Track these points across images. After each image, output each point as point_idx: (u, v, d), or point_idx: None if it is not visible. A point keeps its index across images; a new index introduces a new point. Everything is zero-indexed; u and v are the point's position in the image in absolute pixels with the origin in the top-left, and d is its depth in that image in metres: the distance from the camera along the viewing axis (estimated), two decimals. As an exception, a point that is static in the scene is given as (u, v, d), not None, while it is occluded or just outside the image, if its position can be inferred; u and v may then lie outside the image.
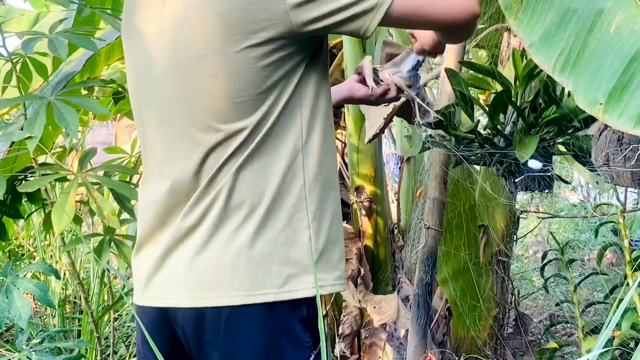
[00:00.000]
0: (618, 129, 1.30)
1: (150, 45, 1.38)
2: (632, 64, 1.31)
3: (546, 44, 1.47)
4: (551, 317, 4.04)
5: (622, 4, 1.37)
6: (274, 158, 1.30)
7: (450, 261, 2.87)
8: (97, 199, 1.98)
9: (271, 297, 1.28)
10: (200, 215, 1.32)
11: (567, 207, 6.31)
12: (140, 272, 1.42)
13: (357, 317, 2.95)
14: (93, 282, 3.38)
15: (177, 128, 1.35)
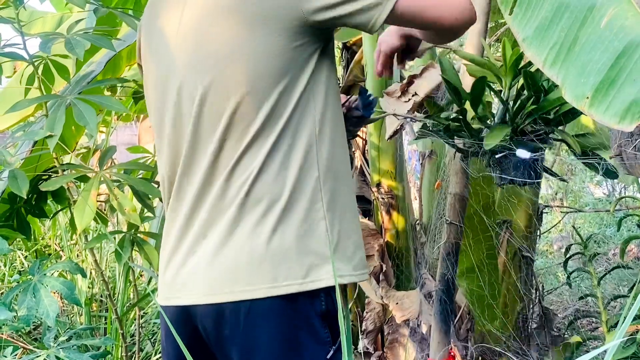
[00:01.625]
0: (603, 124, 1.30)
1: (173, 46, 1.40)
2: (620, 59, 1.31)
3: (539, 38, 1.47)
4: (576, 312, 4.01)
5: (614, 0, 1.37)
6: (291, 152, 1.33)
7: (472, 256, 2.86)
8: (117, 195, 2.01)
9: (295, 288, 1.30)
10: (220, 210, 1.34)
11: (591, 202, 6.27)
12: (167, 273, 1.45)
13: (380, 314, 2.96)
14: (119, 280, 3.42)
15: (197, 124, 1.37)
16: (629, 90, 1.29)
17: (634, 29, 1.34)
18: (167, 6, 1.45)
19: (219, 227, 1.34)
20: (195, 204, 1.38)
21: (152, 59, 1.48)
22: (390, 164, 3.03)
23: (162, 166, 1.48)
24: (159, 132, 1.49)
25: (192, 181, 1.39)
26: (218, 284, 1.33)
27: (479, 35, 2.11)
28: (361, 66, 3.22)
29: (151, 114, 1.51)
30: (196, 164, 1.38)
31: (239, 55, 1.31)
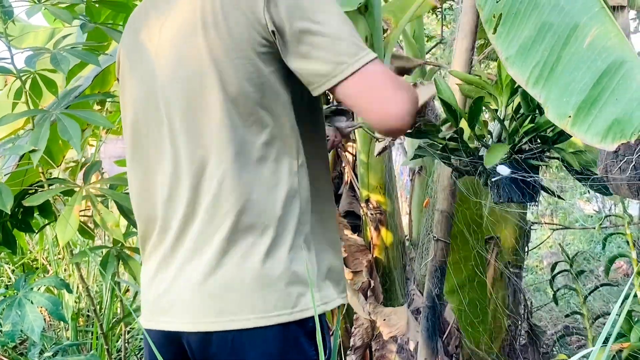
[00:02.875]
0: (585, 143, 1.31)
1: (152, 64, 1.41)
2: (603, 79, 1.32)
3: (522, 57, 1.48)
4: (565, 329, 4.01)
5: (597, 20, 1.39)
6: (275, 180, 1.33)
7: (459, 273, 2.87)
8: (100, 211, 2.01)
9: (285, 318, 1.30)
10: (207, 235, 1.33)
11: (582, 218, 6.28)
12: (150, 293, 1.44)
13: (368, 330, 2.95)
14: (105, 295, 3.40)
15: (179, 143, 1.37)
16: (611, 109, 1.30)
17: (617, 49, 1.35)
18: (147, 23, 1.44)
19: (206, 253, 1.33)
20: (181, 229, 1.37)
21: (132, 75, 1.47)
22: (379, 180, 3.04)
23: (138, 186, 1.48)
24: (133, 151, 1.48)
25: (175, 203, 1.39)
26: (205, 312, 1.32)
27: (467, 53, 2.12)
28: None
29: (127, 132, 1.50)
30: (180, 186, 1.38)
31: (214, 78, 1.31)
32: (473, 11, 2.11)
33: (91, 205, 2.04)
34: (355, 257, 2.93)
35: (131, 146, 1.48)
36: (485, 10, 1.63)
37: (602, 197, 5.68)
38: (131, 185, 1.51)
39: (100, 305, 3.42)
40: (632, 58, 1.31)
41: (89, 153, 3.65)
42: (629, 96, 1.27)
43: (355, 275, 2.87)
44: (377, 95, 1.30)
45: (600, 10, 1.41)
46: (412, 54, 3.47)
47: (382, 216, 3.01)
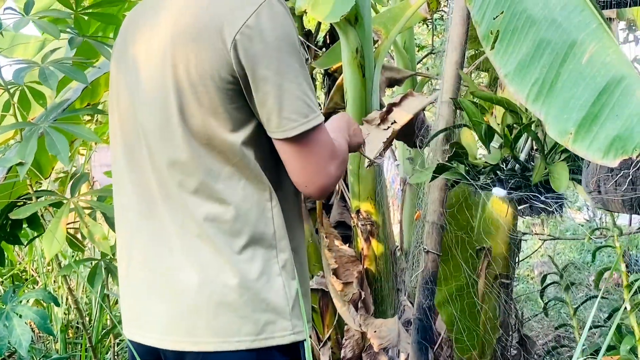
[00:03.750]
0: (587, 159, 1.31)
1: (141, 76, 1.40)
2: (603, 95, 1.32)
3: (521, 74, 1.49)
4: (556, 339, 4.02)
5: (595, 36, 1.39)
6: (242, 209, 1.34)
7: (451, 284, 2.86)
8: (88, 223, 2.00)
9: (245, 345, 1.31)
10: (179, 256, 1.35)
11: (572, 228, 6.30)
12: (124, 304, 1.46)
13: (359, 341, 2.94)
14: (95, 307, 3.38)
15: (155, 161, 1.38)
16: (612, 125, 1.31)
17: (615, 65, 1.36)
18: (135, 33, 1.44)
19: (175, 273, 1.35)
20: (153, 242, 1.39)
21: (119, 83, 1.47)
22: (369, 190, 3.03)
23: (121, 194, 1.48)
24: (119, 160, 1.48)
25: (144, 222, 1.41)
26: (174, 330, 1.35)
27: (456, 66, 2.13)
28: (342, 93, 3.23)
29: (115, 141, 1.50)
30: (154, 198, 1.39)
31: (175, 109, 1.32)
32: (462, 23, 2.12)
33: (79, 218, 2.03)
34: (345, 268, 2.92)
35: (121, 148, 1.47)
36: (482, 26, 1.64)
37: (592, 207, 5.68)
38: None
39: (90, 317, 3.40)
40: (631, 74, 1.32)
41: (79, 163, 3.63)
42: (629, 112, 1.28)
43: (345, 286, 2.86)
44: (313, 161, 1.34)
45: (598, 27, 1.41)
46: (403, 65, 3.48)
47: (373, 227, 3.00)
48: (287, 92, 1.28)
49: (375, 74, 2.87)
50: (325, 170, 1.35)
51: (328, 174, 1.36)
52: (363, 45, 2.75)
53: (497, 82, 2.95)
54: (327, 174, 1.35)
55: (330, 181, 1.36)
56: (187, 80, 1.30)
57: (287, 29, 1.30)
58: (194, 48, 1.29)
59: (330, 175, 1.36)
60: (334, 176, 1.37)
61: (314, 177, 1.34)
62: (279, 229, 1.37)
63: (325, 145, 1.35)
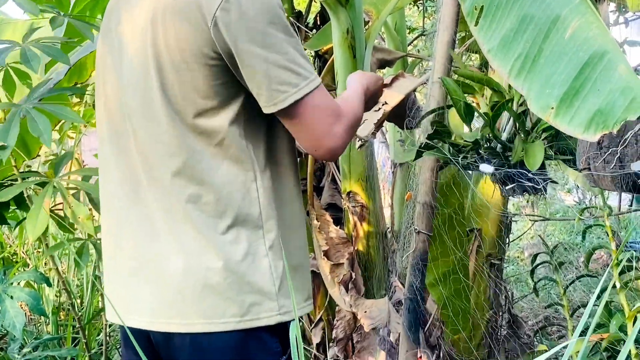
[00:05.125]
0: (568, 134, 1.32)
1: (126, 54, 1.40)
2: (585, 70, 1.33)
3: (504, 49, 1.49)
4: (546, 319, 4.05)
5: (578, 11, 1.39)
6: (226, 189, 1.33)
7: (441, 265, 2.88)
8: (71, 203, 1.99)
9: (231, 326, 1.32)
10: (164, 238, 1.35)
11: (562, 209, 6.33)
12: (109, 287, 1.46)
13: (350, 322, 2.95)
14: (86, 289, 3.38)
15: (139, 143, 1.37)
16: (593, 100, 1.31)
17: (598, 40, 1.36)
18: (120, 13, 1.43)
19: (159, 256, 1.36)
20: (142, 228, 1.39)
21: (105, 65, 1.47)
22: (361, 172, 3.04)
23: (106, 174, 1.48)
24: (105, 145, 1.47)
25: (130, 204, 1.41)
26: (162, 312, 1.36)
27: (447, 46, 2.12)
28: (332, 74, 3.22)
29: (101, 126, 1.49)
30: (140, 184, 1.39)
31: (157, 87, 1.32)
32: (454, 3, 2.11)
33: (62, 198, 2.02)
34: (337, 250, 2.93)
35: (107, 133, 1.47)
36: (466, 2, 1.63)
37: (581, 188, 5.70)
38: None
39: (82, 299, 3.40)
40: (613, 49, 1.32)
41: (69, 146, 3.61)
42: (610, 87, 1.28)
43: (336, 267, 2.87)
44: (314, 127, 1.34)
45: (581, 2, 1.41)
46: (394, 46, 3.47)
47: (364, 208, 3.01)
48: (272, 64, 1.28)
49: (366, 55, 2.86)
50: (330, 132, 1.35)
51: (335, 136, 1.35)
52: (354, 26, 2.74)
53: (488, 63, 2.95)
54: (334, 136, 1.35)
55: (338, 142, 1.36)
56: (168, 58, 1.30)
57: (266, 0, 1.29)
58: (175, 25, 1.29)
59: (338, 136, 1.36)
60: (343, 137, 1.37)
61: (321, 140, 1.34)
62: (266, 209, 1.36)
63: (325, 108, 1.34)
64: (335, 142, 1.35)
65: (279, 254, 1.37)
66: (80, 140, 3.44)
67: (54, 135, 3.11)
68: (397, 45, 3.46)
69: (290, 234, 1.43)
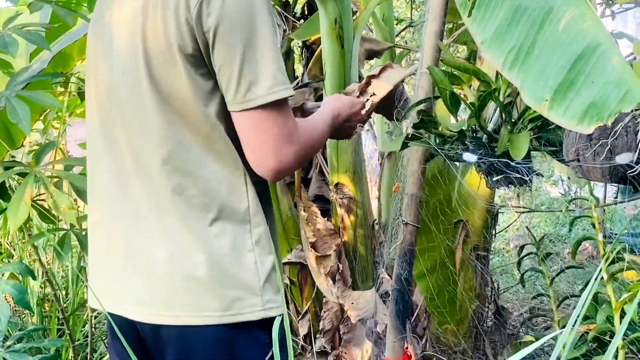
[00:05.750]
0: (562, 126, 1.31)
1: (114, 44, 1.38)
2: (579, 62, 1.32)
3: (497, 41, 1.48)
4: (531, 310, 4.07)
5: (572, 3, 1.39)
6: (214, 181, 1.32)
7: (429, 256, 2.88)
8: (53, 193, 1.96)
9: (215, 320, 1.31)
10: (151, 230, 1.34)
11: (548, 201, 6.37)
12: (98, 277, 1.45)
13: (338, 313, 2.95)
14: (71, 280, 3.35)
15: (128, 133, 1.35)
16: (587, 92, 1.30)
17: (592, 32, 1.35)
18: (111, 3, 1.42)
19: (146, 247, 1.34)
20: (133, 221, 1.37)
21: (96, 55, 1.45)
22: (348, 164, 3.03)
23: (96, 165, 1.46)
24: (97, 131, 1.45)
25: (118, 195, 1.39)
26: (150, 303, 1.34)
27: (436, 36, 2.11)
28: (320, 64, 3.21)
29: (92, 117, 1.47)
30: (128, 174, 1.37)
31: (145, 75, 1.31)
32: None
33: (43, 188, 1.99)
34: (324, 241, 2.93)
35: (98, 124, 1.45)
36: (460, -7, 1.62)
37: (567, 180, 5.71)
38: None
39: (66, 290, 3.37)
40: (607, 41, 1.32)
41: (53, 136, 3.57)
42: (604, 79, 1.28)
43: (324, 259, 2.87)
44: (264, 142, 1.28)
45: (574, -7, 1.41)
46: (382, 37, 3.46)
47: (351, 200, 3.00)
48: (249, 61, 1.25)
49: (354, 46, 2.85)
50: (279, 152, 1.28)
51: (282, 157, 1.29)
52: (342, 16, 2.73)
53: (476, 54, 2.95)
54: (281, 157, 1.29)
55: (282, 166, 1.29)
56: (155, 47, 1.29)
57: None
58: (161, 15, 1.28)
59: (285, 159, 1.29)
60: (290, 162, 1.30)
61: (266, 157, 1.28)
62: (254, 203, 1.35)
63: (285, 124, 1.29)
64: (280, 164, 1.29)
65: (267, 249, 1.35)
66: (64, 130, 3.41)
67: (39, 125, 3.08)
68: (385, 36, 3.45)
69: (273, 231, 1.43)
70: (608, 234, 3.27)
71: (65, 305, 3.04)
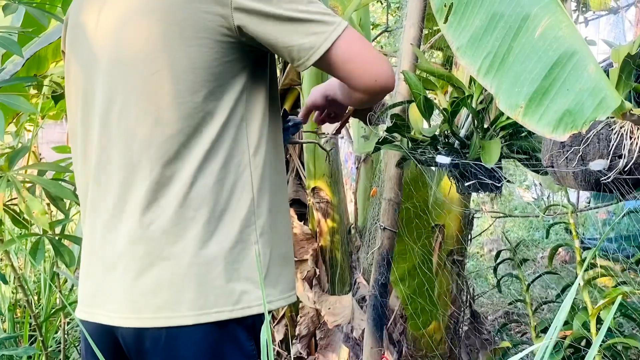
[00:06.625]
0: (537, 133, 1.32)
1: (93, 45, 1.36)
2: (555, 69, 1.33)
3: (473, 47, 1.48)
4: (506, 315, 4.10)
5: (548, 10, 1.39)
6: (222, 173, 1.29)
7: (405, 261, 2.88)
8: (25, 197, 1.92)
9: (225, 315, 1.27)
10: (146, 228, 1.29)
11: (521, 206, 6.43)
12: (87, 284, 1.40)
13: (314, 318, 2.94)
14: (44, 285, 3.30)
15: (120, 129, 1.32)
16: (563, 100, 1.31)
17: (568, 39, 1.36)
18: (91, 0, 1.39)
19: (141, 246, 1.29)
20: (115, 217, 1.33)
21: (74, 55, 1.42)
22: (325, 168, 3.03)
23: (80, 171, 1.43)
24: (75, 134, 1.43)
25: (111, 190, 1.34)
26: (139, 307, 1.29)
27: (414, 42, 2.12)
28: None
29: (70, 113, 1.45)
30: (115, 172, 1.33)
31: (165, 64, 1.27)
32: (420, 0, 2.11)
33: (16, 192, 1.95)
34: (301, 246, 2.92)
35: (80, 126, 1.42)
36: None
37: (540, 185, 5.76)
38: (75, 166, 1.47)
39: (39, 296, 3.32)
40: (582, 48, 1.32)
41: (26, 139, 3.52)
42: (579, 86, 1.28)
43: (300, 263, 2.86)
44: (364, 58, 1.32)
45: (551, 1, 1.41)
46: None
47: (328, 205, 3.00)
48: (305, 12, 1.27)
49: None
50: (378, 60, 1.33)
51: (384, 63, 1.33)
52: (320, 20, 2.72)
53: (451, 60, 2.96)
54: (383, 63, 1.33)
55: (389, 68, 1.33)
56: (177, 34, 1.26)
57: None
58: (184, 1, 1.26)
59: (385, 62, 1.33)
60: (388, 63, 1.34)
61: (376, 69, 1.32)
62: (259, 197, 1.33)
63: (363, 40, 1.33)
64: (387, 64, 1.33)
65: (269, 242, 1.33)
66: (37, 133, 3.36)
67: (11, 127, 3.03)
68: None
69: (280, 222, 1.40)
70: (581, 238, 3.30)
71: (38, 311, 3.00)
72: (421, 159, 2.01)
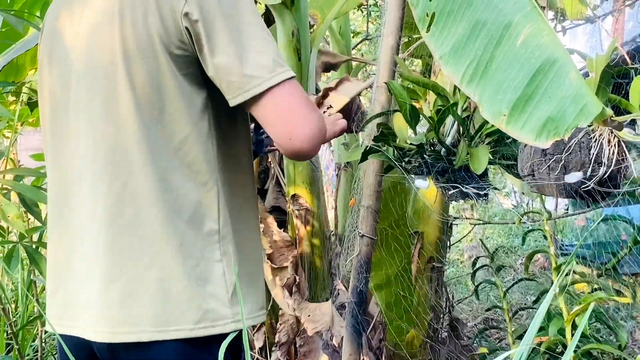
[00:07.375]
0: (520, 140, 1.33)
1: (70, 53, 1.35)
2: (537, 77, 1.34)
3: (456, 55, 1.49)
4: (485, 322, 4.12)
5: (530, 18, 1.41)
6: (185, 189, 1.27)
7: (385, 268, 2.89)
8: (1, 202, 1.91)
9: (185, 334, 1.26)
10: (112, 243, 1.28)
11: (500, 212, 6.47)
12: (57, 296, 1.39)
13: (294, 325, 2.94)
14: (21, 293, 3.27)
15: (88, 140, 1.32)
16: (545, 107, 1.32)
17: (549, 47, 1.38)
18: (70, 7, 1.39)
19: (109, 259, 1.28)
20: (82, 229, 1.33)
21: (49, 61, 1.41)
22: (305, 175, 3.03)
23: (49, 181, 1.42)
24: (46, 142, 1.42)
25: (78, 202, 1.34)
26: (109, 321, 1.28)
27: (392, 51, 2.14)
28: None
29: (44, 120, 1.44)
30: (82, 184, 1.33)
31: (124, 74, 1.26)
32: (399, 8, 2.13)
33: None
34: (280, 253, 2.92)
35: (49, 134, 1.41)
36: (418, 9, 1.63)
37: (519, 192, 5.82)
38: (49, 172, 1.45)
39: (16, 303, 3.29)
40: (564, 56, 1.34)
41: (4, 145, 3.49)
42: (562, 94, 1.30)
43: (280, 271, 2.85)
44: (290, 116, 1.25)
45: (532, 9, 1.43)
46: (339, 50, 3.48)
47: (308, 212, 3.00)
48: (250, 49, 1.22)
49: (311, 58, 2.86)
50: (307, 121, 1.24)
51: (311, 126, 1.24)
52: (299, 28, 2.73)
53: (430, 68, 2.98)
54: (311, 126, 1.24)
55: (315, 132, 1.24)
56: (135, 46, 1.25)
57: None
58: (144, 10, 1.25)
59: (315, 125, 1.24)
60: (318, 128, 1.25)
61: (297, 130, 1.23)
62: (224, 212, 1.31)
63: (301, 96, 1.25)
64: (313, 129, 1.24)
65: (235, 260, 1.32)
66: (15, 139, 3.33)
67: (-12, 134, 3.01)
68: (341, 49, 3.47)
69: (247, 240, 1.39)
70: (559, 245, 3.33)
71: (15, 319, 2.97)
72: (407, 167, 2.03)
